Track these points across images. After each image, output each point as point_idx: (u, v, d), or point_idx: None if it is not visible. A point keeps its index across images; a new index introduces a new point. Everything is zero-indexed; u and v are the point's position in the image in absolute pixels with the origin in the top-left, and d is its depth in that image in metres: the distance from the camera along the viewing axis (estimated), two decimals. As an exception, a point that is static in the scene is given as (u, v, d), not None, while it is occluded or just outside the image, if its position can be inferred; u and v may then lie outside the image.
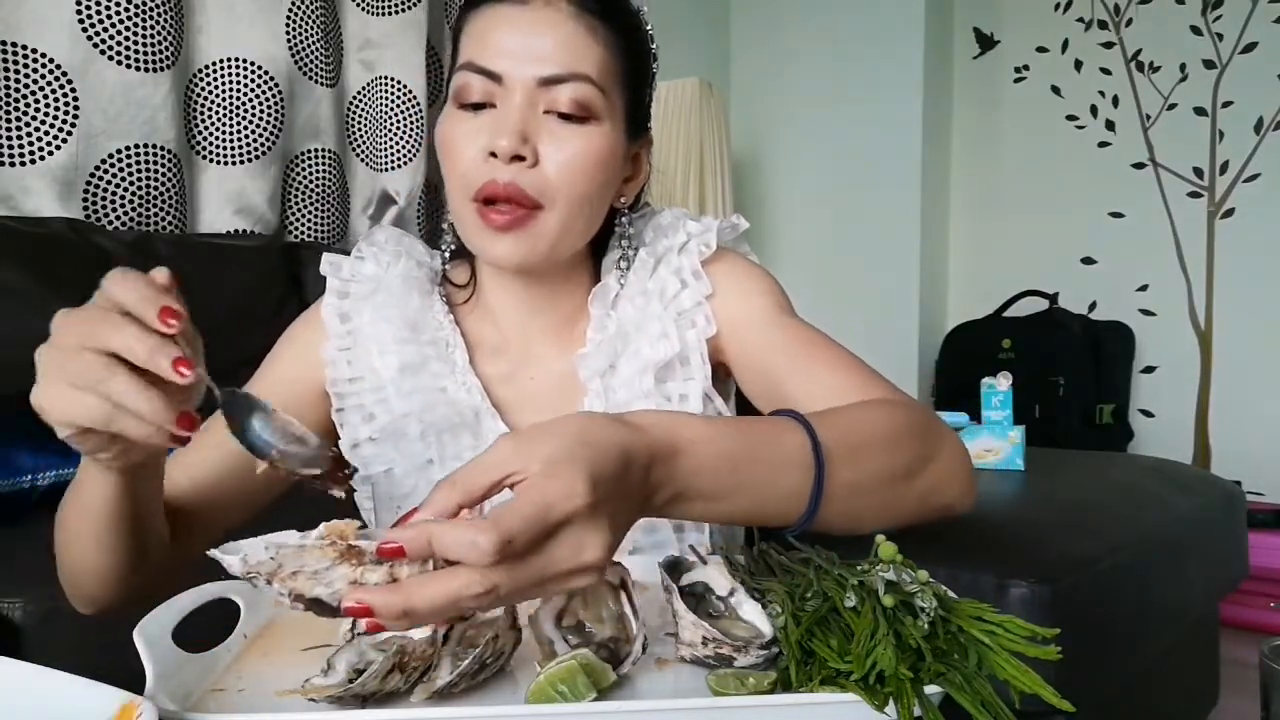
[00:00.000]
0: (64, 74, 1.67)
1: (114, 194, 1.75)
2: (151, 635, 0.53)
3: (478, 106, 0.76)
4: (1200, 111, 2.91)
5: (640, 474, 0.50)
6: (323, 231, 2.11)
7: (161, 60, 1.78)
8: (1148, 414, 3.03)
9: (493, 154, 0.74)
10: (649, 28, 0.84)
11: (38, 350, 0.52)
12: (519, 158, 0.74)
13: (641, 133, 0.84)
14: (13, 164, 1.64)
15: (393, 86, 2.20)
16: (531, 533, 0.43)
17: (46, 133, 1.67)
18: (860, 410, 0.67)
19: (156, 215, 1.81)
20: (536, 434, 0.47)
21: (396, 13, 2.18)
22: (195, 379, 0.50)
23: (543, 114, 0.75)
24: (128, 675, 0.48)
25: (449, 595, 0.43)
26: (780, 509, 0.60)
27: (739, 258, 0.87)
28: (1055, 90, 3.13)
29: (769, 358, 0.81)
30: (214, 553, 0.49)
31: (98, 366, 0.50)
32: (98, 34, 1.70)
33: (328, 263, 0.88)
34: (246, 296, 1.77)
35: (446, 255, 0.88)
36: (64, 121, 1.68)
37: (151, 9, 1.75)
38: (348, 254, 0.90)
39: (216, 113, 1.91)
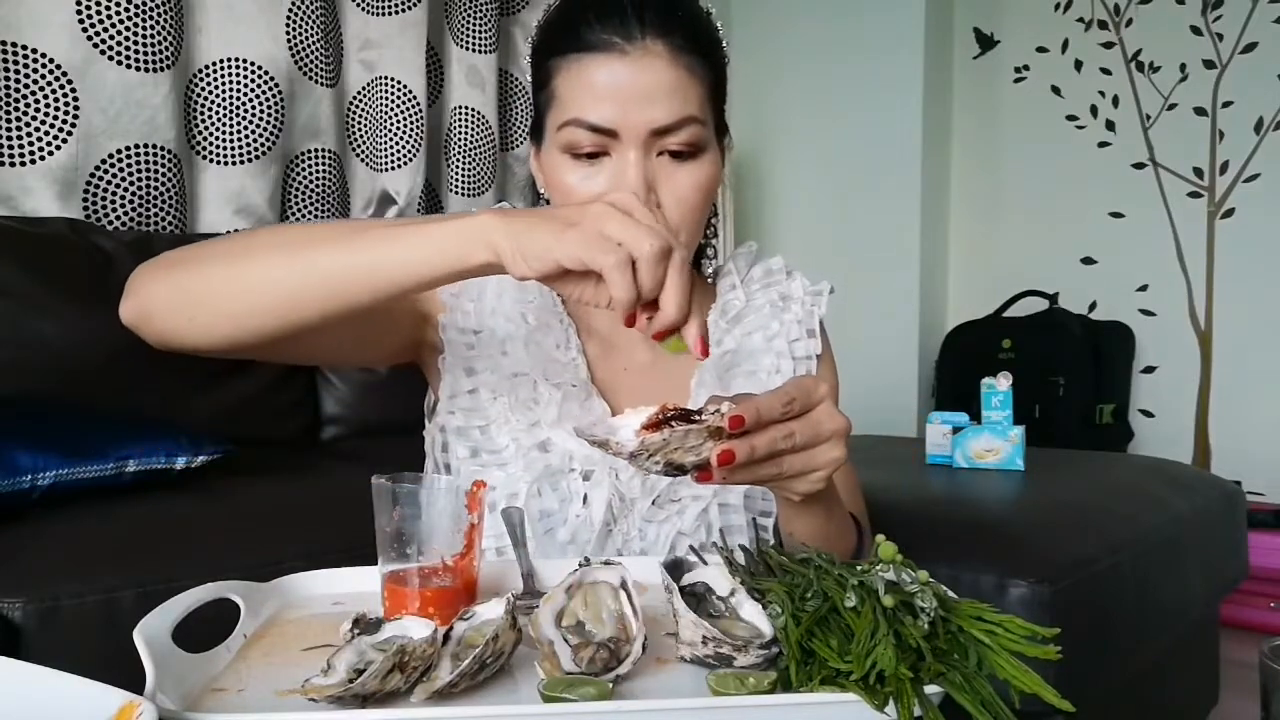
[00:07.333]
0: (64, 74, 1.67)
1: (114, 194, 1.75)
2: (151, 635, 0.53)
3: (591, 155, 0.79)
4: (1200, 111, 2.90)
5: None
6: (323, 231, 2.11)
7: (161, 60, 1.78)
8: (1148, 414, 3.02)
9: None
10: (720, 32, 0.85)
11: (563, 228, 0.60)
12: None
13: (724, 130, 0.87)
14: (13, 164, 1.64)
15: (393, 86, 2.20)
16: (804, 397, 0.63)
17: (46, 133, 1.67)
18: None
19: (156, 215, 1.81)
20: None
21: (396, 13, 2.18)
22: None
23: (655, 156, 0.79)
24: (128, 675, 0.48)
25: (771, 437, 0.61)
26: (839, 544, 0.76)
27: (827, 341, 0.98)
28: (1055, 90, 3.13)
29: None
30: (605, 432, 0.61)
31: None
32: (98, 34, 1.70)
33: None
34: (246, 296, 1.77)
35: None
36: (64, 121, 1.68)
37: (151, 9, 1.75)
38: None
39: (216, 113, 1.91)
